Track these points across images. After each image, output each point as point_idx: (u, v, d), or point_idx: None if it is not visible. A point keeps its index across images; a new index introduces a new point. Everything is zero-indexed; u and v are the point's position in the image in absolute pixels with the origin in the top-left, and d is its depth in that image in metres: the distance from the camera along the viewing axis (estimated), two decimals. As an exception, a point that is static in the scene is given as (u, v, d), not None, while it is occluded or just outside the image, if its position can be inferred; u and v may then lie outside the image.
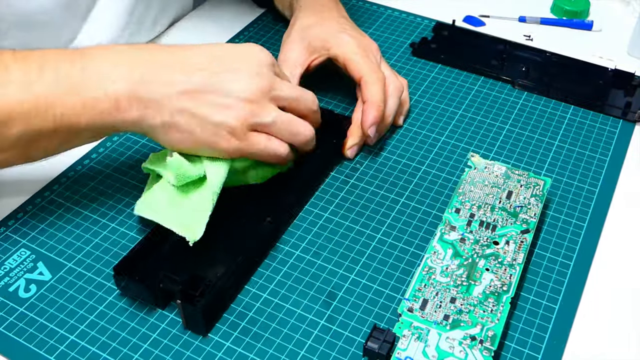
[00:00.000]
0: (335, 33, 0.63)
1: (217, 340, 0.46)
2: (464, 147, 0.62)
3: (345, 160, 0.60)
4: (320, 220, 0.55)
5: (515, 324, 0.48)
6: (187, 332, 0.47)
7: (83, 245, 0.52)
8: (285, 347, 0.46)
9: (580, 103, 0.68)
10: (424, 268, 0.48)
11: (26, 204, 0.55)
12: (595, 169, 0.61)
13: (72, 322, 0.47)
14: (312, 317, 0.48)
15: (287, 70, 0.62)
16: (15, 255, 0.51)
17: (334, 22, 0.65)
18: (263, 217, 0.52)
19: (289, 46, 0.64)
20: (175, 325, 0.47)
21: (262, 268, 0.51)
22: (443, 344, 0.44)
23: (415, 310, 0.46)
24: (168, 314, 0.48)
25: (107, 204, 0.56)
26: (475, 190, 0.54)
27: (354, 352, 0.46)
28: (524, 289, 0.50)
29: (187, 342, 0.46)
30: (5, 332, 0.46)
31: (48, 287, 0.49)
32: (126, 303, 0.48)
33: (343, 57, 0.61)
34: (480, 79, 0.71)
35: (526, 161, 0.61)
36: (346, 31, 0.63)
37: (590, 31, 0.79)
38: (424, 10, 0.81)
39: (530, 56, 0.73)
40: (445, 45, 0.75)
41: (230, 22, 0.78)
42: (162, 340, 0.46)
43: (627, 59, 0.74)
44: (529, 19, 0.80)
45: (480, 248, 0.50)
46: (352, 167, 0.60)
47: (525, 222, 0.52)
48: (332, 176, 0.59)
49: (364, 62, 0.60)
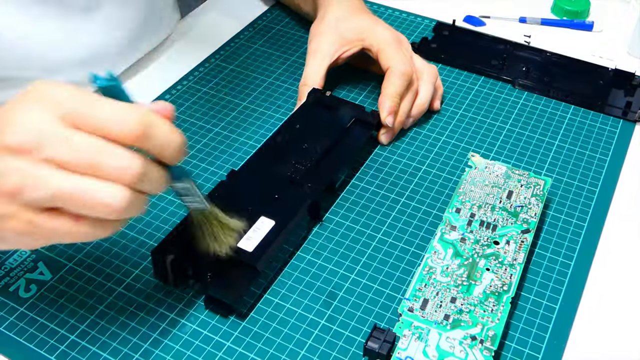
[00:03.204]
0: (370, 25, 0.65)
1: (217, 340, 0.46)
2: (464, 147, 0.62)
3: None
4: (320, 220, 0.55)
5: (516, 323, 0.48)
6: (187, 332, 0.47)
7: (83, 245, 0.52)
8: (285, 347, 0.46)
9: (581, 103, 0.68)
10: (424, 268, 0.48)
11: (26, 204, 0.55)
12: (595, 168, 0.61)
13: (72, 322, 0.47)
14: (313, 317, 0.48)
15: (315, 62, 0.64)
16: (16, 255, 0.51)
17: (366, 15, 0.67)
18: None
19: (320, 38, 0.65)
20: (176, 325, 0.47)
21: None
22: (443, 344, 0.44)
23: (416, 310, 0.46)
24: (168, 313, 0.48)
25: (107, 203, 0.56)
26: (476, 190, 0.54)
27: (354, 352, 0.46)
28: (525, 289, 0.50)
29: (187, 342, 0.46)
30: (5, 332, 0.46)
31: (48, 287, 0.49)
32: (126, 303, 0.48)
33: (377, 47, 0.63)
34: (481, 79, 0.71)
35: (526, 161, 0.61)
36: (380, 24, 0.65)
37: (591, 31, 0.79)
38: (424, 10, 0.81)
39: (530, 56, 0.73)
40: (445, 45, 0.75)
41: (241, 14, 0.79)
42: (162, 340, 0.46)
43: (627, 59, 0.74)
44: (529, 20, 0.80)
45: (480, 248, 0.50)
46: (352, 167, 0.60)
47: (525, 222, 0.52)
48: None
49: (395, 53, 0.62)
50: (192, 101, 0.67)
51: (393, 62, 0.62)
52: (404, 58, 0.62)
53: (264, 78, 0.70)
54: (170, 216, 0.55)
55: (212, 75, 0.70)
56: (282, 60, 0.73)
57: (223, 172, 0.59)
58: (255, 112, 0.66)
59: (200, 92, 0.68)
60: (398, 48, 0.63)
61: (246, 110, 0.66)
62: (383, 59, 0.63)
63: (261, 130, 0.64)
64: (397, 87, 0.61)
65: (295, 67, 0.71)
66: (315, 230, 0.54)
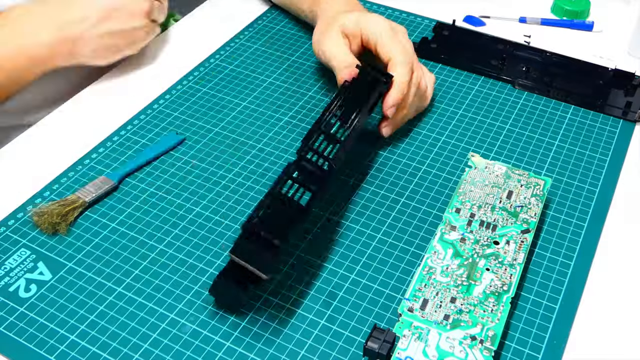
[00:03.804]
0: (367, 17, 0.64)
1: (217, 340, 0.46)
2: (464, 147, 0.62)
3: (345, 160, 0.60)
4: (320, 220, 0.55)
5: (516, 323, 0.48)
6: (187, 332, 0.47)
7: (83, 245, 0.52)
8: (285, 347, 0.46)
9: (581, 103, 0.68)
10: (424, 268, 0.48)
11: (26, 204, 0.55)
12: (595, 169, 0.61)
13: (72, 322, 0.47)
14: (313, 317, 0.48)
15: (342, 64, 0.61)
16: (16, 255, 0.51)
17: (360, 8, 0.67)
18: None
19: (328, 42, 0.63)
20: (175, 325, 0.47)
21: (262, 268, 0.51)
22: (443, 344, 0.44)
23: (416, 310, 0.46)
24: (168, 313, 0.48)
25: (108, 203, 0.56)
26: (476, 190, 0.54)
27: (354, 352, 0.46)
28: (524, 289, 0.50)
29: (187, 342, 0.46)
30: (5, 332, 0.46)
31: (48, 287, 0.49)
32: (126, 303, 0.48)
33: (374, 40, 0.62)
34: (481, 79, 0.71)
35: (526, 161, 0.61)
36: (377, 16, 0.64)
37: (591, 31, 0.79)
38: (424, 10, 0.81)
39: (530, 56, 0.73)
40: (445, 45, 0.75)
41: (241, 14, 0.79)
42: (162, 340, 0.46)
43: (627, 59, 0.74)
44: (529, 20, 0.80)
45: (480, 248, 0.50)
46: (352, 167, 0.60)
47: (525, 222, 0.52)
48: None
49: (393, 43, 0.61)
50: (192, 101, 0.67)
51: (393, 53, 0.61)
52: (403, 47, 0.61)
53: (264, 78, 0.70)
54: (169, 216, 0.55)
55: (212, 75, 0.70)
56: (282, 60, 0.73)
57: (223, 172, 0.59)
58: (255, 112, 0.66)
59: (201, 92, 0.68)
60: (394, 37, 0.62)
61: (246, 110, 0.66)
62: (382, 51, 0.62)
63: (261, 130, 0.64)
64: (402, 76, 0.59)
65: (295, 67, 0.71)
66: (315, 230, 0.54)
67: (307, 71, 0.71)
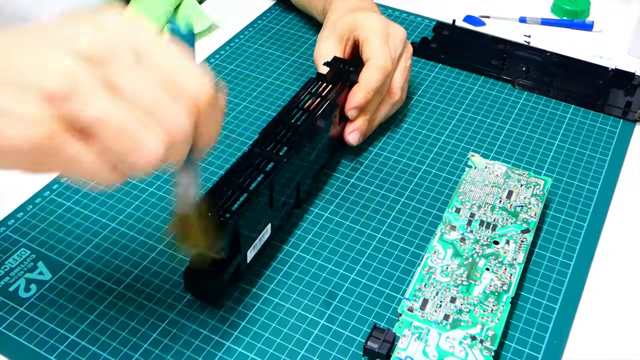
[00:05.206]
0: (364, 16, 0.61)
1: (217, 340, 0.46)
2: (464, 147, 0.62)
3: (345, 160, 0.60)
4: (320, 220, 0.55)
5: (516, 323, 0.48)
6: (187, 332, 0.47)
7: (83, 245, 0.52)
8: (285, 347, 0.46)
9: (581, 103, 0.68)
10: (424, 268, 0.48)
11: (26, 204, 0.55)
12: (595, 168, 0.61)
13: (72, 322, 0.47)
14: (312, 316, 0.48)
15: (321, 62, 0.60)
16: (16, 255, 0.51)
17: (365, 10, 0.63)
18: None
19: (322, 42, 0.63)
20: (175, 325, 0.47)
21: (262, 268, 0.51)
22: (443, 344, 0.44)
23: (416, 309, 0.46)
24: (168, 313, 0.48)
25: (108, 203, 0.56)
26: (476, 189, 0.54)
27: (354, 352, 0.46)
28: (524, 289, 0.50)
29: (187, 342, 0.46)
30: (5, 332, 0.46)
31: (48, 287, 0.49)
32: (126, 303, 0.48)
33: (363, 36, 0.60)
34: (481, 79, 0.71)
35: (526, 161, 0.61)
36: (376, 16, 0.61)
37: (591, 31, 0.79)
38: (424, 10, 0.81)
39: (530, 56, 0.73)
40: (445, 45, 0.75)
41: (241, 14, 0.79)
42: (162, 340, 0.46)
43: (627, 59, 0.74)
44: (529, 20, 0.80)
45: (480, 248, 0.50)
46: (352, 167, 0.60)
47: (525, 222, 0.52)
48: (333, 176, 0.59)
49: (377, 45, 0.58)
50: (192, 101, 0.66)
51: (374, 55, 0.58)
52: (386, 52, 0.58)
53: (264, 78, 0.70)
54: (169, 216, 0.55)
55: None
56: (282, 60, 0.73)
57: (223, 172, 0.59)
58: (255, 112, 0.66)
59: (200, 92, 0.68)
60: (383, 39, 0.59)
61: (246, 110, 0.66)
62: (364, 51, 0.59)
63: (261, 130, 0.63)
64: (374, 82, 0.57)
65: (296, 67, 0.71)
66: (315, 230, 0.54)
67: (308, 71, 0.71)
